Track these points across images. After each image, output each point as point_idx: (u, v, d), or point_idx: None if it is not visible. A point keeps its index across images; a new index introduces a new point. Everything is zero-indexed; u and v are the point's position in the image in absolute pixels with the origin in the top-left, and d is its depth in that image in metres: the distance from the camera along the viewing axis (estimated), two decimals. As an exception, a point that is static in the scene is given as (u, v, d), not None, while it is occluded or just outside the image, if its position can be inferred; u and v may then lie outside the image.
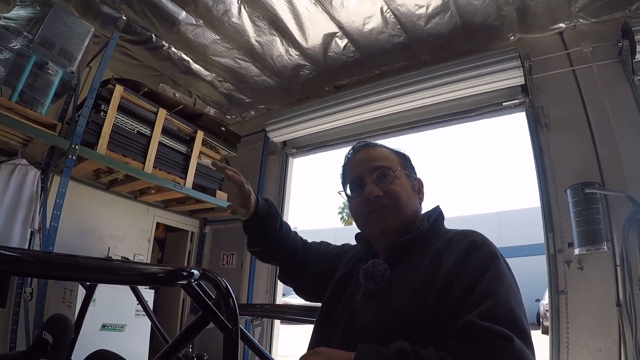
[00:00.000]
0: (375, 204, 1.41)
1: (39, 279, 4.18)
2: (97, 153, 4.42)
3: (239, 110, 7.13)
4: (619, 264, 3.77)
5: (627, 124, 4.11)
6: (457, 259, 1.22)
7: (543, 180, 4.43)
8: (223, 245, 6.82)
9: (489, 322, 1.02)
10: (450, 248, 1.28)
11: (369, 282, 1.33)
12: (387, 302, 1.26)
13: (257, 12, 4.71)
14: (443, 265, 1.23)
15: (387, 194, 1.42)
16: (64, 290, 4.47)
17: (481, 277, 1.15)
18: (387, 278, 1.31)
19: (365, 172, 1.47)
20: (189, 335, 1.21)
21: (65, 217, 4.24)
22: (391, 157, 1.52)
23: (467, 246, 1.25)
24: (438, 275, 1.21)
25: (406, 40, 5.04)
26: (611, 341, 3.68)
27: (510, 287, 1.15)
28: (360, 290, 1.38)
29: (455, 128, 6.77)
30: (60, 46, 4.21)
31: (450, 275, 1.18)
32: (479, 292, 1.11)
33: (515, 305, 1.09)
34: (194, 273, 1.15)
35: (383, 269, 1.32)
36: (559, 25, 4.65)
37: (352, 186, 1.51)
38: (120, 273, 1.17)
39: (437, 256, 1.27)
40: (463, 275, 1.17)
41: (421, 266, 1.28)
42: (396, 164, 1.49)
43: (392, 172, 1.45)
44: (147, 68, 5.88)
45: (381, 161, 1.48)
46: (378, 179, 1.43)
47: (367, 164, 1.48)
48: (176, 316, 6.57)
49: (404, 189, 1.45)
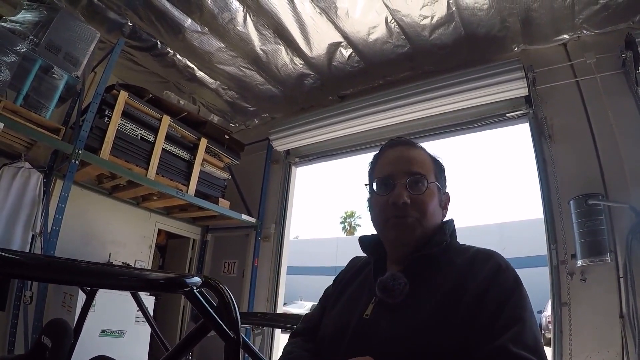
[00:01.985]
0: (401, 211, 1.34)
1: (39, 283, 4.17)
2: (100, 158, 4.42)
3: (242, 119, 7.15)
4: (622, 275, 3.75)
5: (631, 135, 4.11)
6: (483, 281, 1.19)
7: (546, 191, 4.42)
8: (224, 253, 6.81)
9: (518, 349, 1.02)
10: (474, 268, 1.24)
11: (386, 296, 1.27)
12: (407, 318, 1.21)
13: (263, 20, 4.74)
14: (468, 285, 1.20)
15: (416, 203, 1.35)
16: (64, 295, 4.47)
17: (507, 302, 1.14)
18: (406, 292, 1.25)
19: (399, 173, 1.39)
20: (190, 343, 1.21)
21: (67, 222, 4.22)
22: (428, 165, 1.44)
23: (493, 269, 1.22)
24: (463, 295, 1.18)
25: (410, 50, 5.06)
26: (614, 353, 3.65)
27: (532, 314, 1.15)
28: (371, 303, 1.32)
29: (459, 139, 6.76)
30: (66, 51, 4.24)
31: (476, 297, 1.16)
32: (507, 317, 1.10)
33: (537, 332, 1.10)
34: (196, 280, 1.16)
35: (403, 283, 1.26)
36: (563, 36, 4.68)
37: (381, 183, 1.43)
38: (122, 279, 1.17)
39: (460, 275, 1.24)
40: (489, 299, 1.15)
41: (442, 284, 1.24)
42: (431, 174, 1.42)
43: (426, 182, 1.38)
44: (152, 74, 5.91)
45: (419, 167, 1.40)
46: (410, 185, 1.36)
47: (404, 165, 1.41)
48: (176, 324, 6.54)
49: (432, 201, 1.38)
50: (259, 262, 6.23)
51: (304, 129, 6.01)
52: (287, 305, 19.42)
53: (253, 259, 6.21)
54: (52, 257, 3.51)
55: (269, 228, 6.34)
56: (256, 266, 6.19)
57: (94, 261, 3.20)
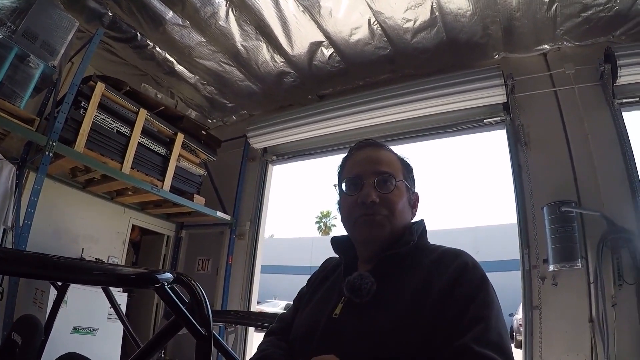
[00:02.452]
0: (369, 209, 1.36)
1: (9, 278, 4.07)
2: (74, 151, 4.33)
3: (220, 115, 7.10)
4: (593, 281, 3.86)
5: (605, 145, 4.22)
6: (448, 280, 1.20)
7: (520, 197, 4.50)
8: (199, 251, 6.76)
9: (481, 347, 1.02)
10: (441, 267, 1.25)
11: (354, 295, 1.27)
12: (375, 318, 1.21)
13: (245, 16, 4.70)
14: (434, 284, 1.20)
15: (384, 202, 1.37)
16: (35, 291, 4.38)
17: (473, 300, 1.14)
18: (373, 292, 1.26)
19: (367, 173, 1.41)
20: (161, 340, 1.18)
21: (40, 216, 4.14)
22: (396, 165, 1.47)
23: (459, 268, 1.23)
24: (429, 294, 1.18)
25: (392, 53, 5.09)
26: (583, 357, 3.76)
27: (498, 312, 1.15)
28: (340, 302, 1.33)
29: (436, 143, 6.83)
30: (44, 39, 4.13)
31: (442, 295, 1.17)
32: (471, 316, 1.10)
33: (503, 330, 1.10)
34: (167, 276, 1.13)
35: (370, 282, 1.27)
36: (544, 46, 4.77)
37: (350, 183, 1.44)
38: (92, 273, 1.13)
39: (427, 274, 1.25)
40: (455, 297, 1.16)
41: (410, 283, 1.25)
42: (399, 173, 1.45)
43: (394, 181, 1.40)
44: (130, 67, 5.81)
45: (386, 167, 1.43)
46: (378, 184, 1.38)
47: (371, 165, 1.43)
48: (150, 321, 6.46)
49: (400, 200, 1.40)
50: (234, 260, 6.20)
51: (282, 127, 5.99)
52: (261, 304, 19.41)
53: (227, 257, 6.18)
54: (23, 251, 3.45)
55: (244, 226, 6.31)
56: (230, 264, 6.16)
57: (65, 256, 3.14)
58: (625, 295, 3.75)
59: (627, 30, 4.37)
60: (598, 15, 4.22)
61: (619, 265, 3.83)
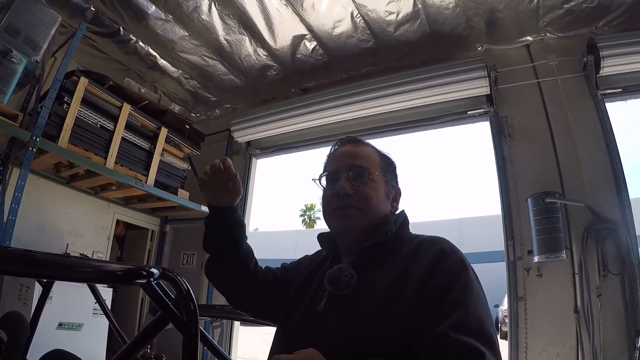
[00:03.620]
0: (343, 201, 1.40)
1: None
2: (58, 146, 4.29)
3: (204, 109, 7.05)
4: (577, 271, 3.88)
5: (589, 136, 4.24)
6: (426, 267, 1.21)
7: (505, 189, 4.50)
8: (184, 245, 6.72)
9: (459, 334, 1.01)
10: (419, 255, 1.27)
11: (334, 288, 1.29)
12: (355, 309, 1.23)
13: (228, 10, 4.68)
14: (412, 273, 1.22)
15: (358, 194, 1.40)
16: (20, 287, 4.33)
17: (451, 287, 1.14)
18: (353, 284, 1.27)
19: (343, 167, 1.46)
20: (148, 335, 1.18)
21: (24, 212, 4.08)
22: (374, 159, 1.51)
23: (437, 254, 1.24)
24: (407, 283, 1.19)
25: (375, 45, 5.08)
26: (569, 347, 3.77)
27: (479, 298, 1.15)
28: (324, 296, 1.34)
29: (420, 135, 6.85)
30: (26, 34, 4.09)
31: (420, 284, 1.17)
32: (449, 303, 1.10)
33: (484, 316, 1.10)
34: (153, 272, 1.12)
35: (349, 275, 1.28)
36: (526, 38, 4.77)
37: (328, 178, 1.50)
38: (77, 270, 1.12)
39: (406, 263, 1.26)
40: (433, 284, 1.16)
41: (389, 273, 1.26)
42: (376, 167, 1.48)
43: (368, 174, 1.43)
44: (113, 61, 5.77)
45: (361, 160, 1.46)
46: (353, 177, 1.42)
47: (348, 160, 1.48)
48: (135, 316, 6.40)
49: (376, 192, 1.43)
50: (219, 253, 6.11)
51: (265, 121, 5.97)
52: (247, 297, 19.39)
53: (212, 251, 6.09)
54: (7, 247, 3.42)
55: (228, 220, 6.22)
56: (216, 258, 6.08)
57: (50, 252, 3.12)
58: (610, 285, 3.76)
59: (609, 21, 4.38)
60: (580, 7, 4.23)
61: (603, 255, 3.84)
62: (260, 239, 32.51)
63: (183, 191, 5.79)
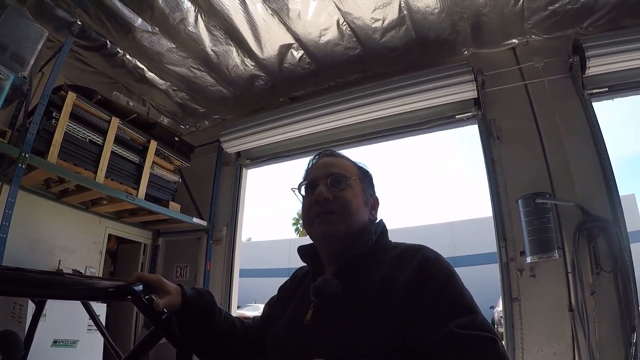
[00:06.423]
0: (323, 207, 1.42)
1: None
2: (47, 162, 4.26)
3: (193, 120, 7.03)
4: (570, 270, 3.90)
5: (577, 136, 4.27)
6: (412, 273, 1.22)
7: (495, 191, 4.51)
8: (176, 258, 6.69)
9: (467, 329, 1.05)
10: (403, 262, 1.28)
11: (320, 300, 1.31)
12: (342, 319, 1.23)
13: (214, 21, 4.68)
14: (397, 280, 1.22)
15: (337, 199, 1.43)
16: (14, 305, 4.31)
17: (444, 290, 1.17)
18: (338, 294, 1.28)
19: (321, 176, 1.49)
20: (142, 350, 1.19)
21: (14, 229, 4.02)
22: (350, 168, 1.55)
23: (421, 261, 1.25)
24: (393, 291, 1.20)
25: (361, 52, 5.09)
26: (565, 345, 3.79)
27: (472, 299, 1.18)
28: (310, 308, 1.35)
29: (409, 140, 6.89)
30: (13, 50, 4.06)
31: (407, 290, 1.18)
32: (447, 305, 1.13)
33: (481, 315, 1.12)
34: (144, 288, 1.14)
35: (334, 285, 1.29)
36: (512, 40, 4.81)
37: (307, 187, 1.53)
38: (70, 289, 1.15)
39: (390, 271, 1.27)
40: (423, 291, 1.17)
41: (373, 281, 1.27)
42: (353, 174, 1.52)
43: (346, 180, 1.46)
44: (101, 75, 5.75)
45: (339, 169, 1.51)
46: (331, 183, 1.45)
47: (325, 169, 1.51)
48: (130, 330, 6.34)
49: (355, 198, 1.46)
50: (212, 265, 6.16)
51: (254, 131, 5.97)
52: (241, 308, 19.29)
53: (205, 263, 6.13)
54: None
55: (221, 231, 6.27)
56: (209, 270, 6.11)
57: (42, 270, 3.09)
58: (603, 282, 3.78)
59: (594, 22, 4.42)
60: (565, 8, 4.26)
61: (595, 253, 3.86)
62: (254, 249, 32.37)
63: (174, 204, 5.78)
